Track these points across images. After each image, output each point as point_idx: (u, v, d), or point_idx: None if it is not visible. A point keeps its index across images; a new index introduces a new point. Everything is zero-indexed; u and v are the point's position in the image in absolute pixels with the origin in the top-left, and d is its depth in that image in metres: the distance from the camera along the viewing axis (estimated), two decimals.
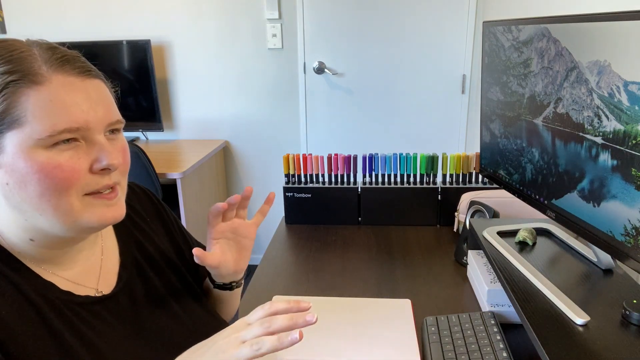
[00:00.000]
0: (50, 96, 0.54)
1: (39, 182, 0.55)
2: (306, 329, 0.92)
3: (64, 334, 0.59)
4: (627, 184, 0.67)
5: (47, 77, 0.55)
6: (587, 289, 0.80)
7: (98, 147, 0.58)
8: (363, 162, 1.39)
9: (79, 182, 0.57)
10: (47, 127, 0.54)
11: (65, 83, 0.56)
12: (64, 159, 0.56)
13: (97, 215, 0.59)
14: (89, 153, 0.58)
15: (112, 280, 0.69)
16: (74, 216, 0.58)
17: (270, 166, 2.72)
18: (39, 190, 0.55)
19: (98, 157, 0.58)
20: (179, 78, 2.61)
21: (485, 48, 1.06)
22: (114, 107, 0.62)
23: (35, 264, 0.62)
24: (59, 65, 0.56)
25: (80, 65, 0.59)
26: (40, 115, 0.54)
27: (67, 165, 0.56)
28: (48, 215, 0.57)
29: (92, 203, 0.59)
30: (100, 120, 0.58)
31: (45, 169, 0.55)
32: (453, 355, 0.79)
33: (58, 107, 0.55)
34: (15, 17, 2.59)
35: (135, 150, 1.97)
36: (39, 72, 0.55)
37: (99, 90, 0.60)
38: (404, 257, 1.22)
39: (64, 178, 0.56)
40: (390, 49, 2.47)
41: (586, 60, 0.73)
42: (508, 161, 1.02)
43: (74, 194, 0.57)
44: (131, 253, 0.74)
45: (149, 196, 0.84)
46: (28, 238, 0.60)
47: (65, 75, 0.56)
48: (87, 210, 0.59)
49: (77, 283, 0.65)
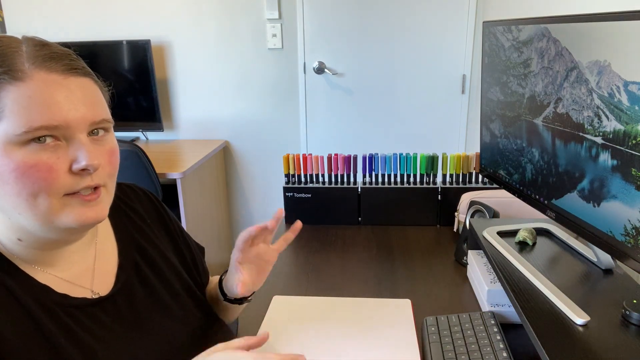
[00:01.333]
0: (29, 92, 0.53)
1: (15, 181, 0.54)
2: (306, 329, 0.92)
3: (57, 337, 0.58)
4: (627, 184, 0.67)
5: (28, 73, 0.54)
6: (587, 289, 0.80)
7: (77, 146, 0.56)
8: (363, 162, 1.39)
9: (56, 182, 0.55)
10: (24, 123, 0.53)
11: (47, 80, 0.55)
12: (41, 158, 0.54)
13: (74, 215, 0.58)
14: (68, 153, 0.56)
15: (110, 282, 0.69)
16: (51, 216, 0.57)
17: (270, 166, 2.72)
18: (16, 190, 0.54)
19: (77, 156, 0.56)
20: (179, 78, 2.61)
21: (485, 48, 1.06)
22: (101, 106, 0.60)
23: (29, 266, 0.61)
24: (42, 62, 0.55)
25: (67, 63, 0.57)
26: (17, 111, 0.53)
27: (44, 165, 0.54)
28: (27, 215, 0.56)
29: (69, 203, 0.57)
30: (82, 119, 0.56)
31: (22, 167, 0.53)
32: (453, 355, 0.79)
33: (36, 104, 0.53)
34: (15, 17, 2.59)
35: (135, 150, 1.97)
36: (20, 68, 0.54)
37: (83, 88, 0.58)
38: (404, 257, 1.22)
39: (41, 178, 0.54)
40: (390, 49, 2.47)
41: (586, 60, 0.73)
42: (508, 161, 1.02)
43: (52, 194, 0.56)
44: (131, 254, 0.73)
45: (151, 198, 0.83)
46: (16, 238, 0.59)
47: (47, 73, 0.55)
48: (64, 210, 0.57)
49: (73, 283, 0.64)
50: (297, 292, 1.07)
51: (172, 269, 0.78)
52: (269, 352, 0.62)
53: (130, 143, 2.02)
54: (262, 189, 2.77)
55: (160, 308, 0.72)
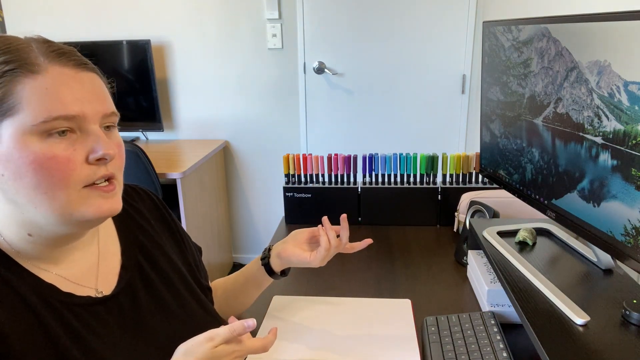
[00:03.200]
0: (47, 84, 0.55)
1: (34, 173, 0.54)
2: (306, 329, 0.92)
3: (60, 336, 0.58)
4: (627, 184, 0.67)
5: (43, 67, 0.55)
6: (587, 289, 0.80)
7: (94, 137, 0.58)
8: (363, 162, 1.39)
9: (74, 173, 0.56)
10: (42, 113, 0.54)
11: (62, 73, 0.57)
12: (59, 149, 0.55)
13: (93, 207, 0.59)
14: (84, 144, 0.57)
15: (113, 281, 0.69)
16: (70, 208, 0.57)
17: (270, 166, 2.72)
18: (34, 182, 0.55)
19: (94, 147, 0.58)
20: (179, 78, 2.61)
21: (485, 48, 1.06)
22: (110, 100, 0.62)
23: (34, 264, 0.61)
24: (56, 57, 0.57)
25: (76, 58, 0.59)
26: (35, 102, 0.54)
27: (62, 156, 0.55)
28: (43, 208, 0.57)
29: (88, 195, 0.58)
30: (96, 111, 0.58)
31: (40, 159, 0.54)
32: (453, 355, 0.79)
33: (54, 96, 0.55)
34: (15, 17, 2.59)
35: (135, 150, 1.97)
36: (35, 62, 0.55)
37: (94, 82, 0.60)
38: (404, 257, 1.22)
39: (59, 169, 0.55)
40: (390, 49, 2.47)
41: (586, 60, 0.73)
42: (508, 161, 1.02)
43: (71, 186, 0.56)
44: (134, 255, 0.73)
45: (153, 199, 0.83)
46: (26, 233, 0.59)
47: (61, 67, 0.57)
48: (84, 202, 0.58)
49: (77, 283, 0.64)
50: (297, 292, 1.07)
51: (174, 269, 0.78)
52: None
53: (130, 143, 2.02)
54: (262, 189, 2.77)
55: (162, 308, 0.72)
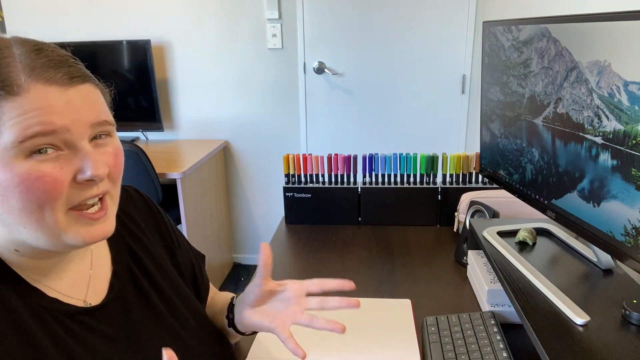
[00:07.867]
0: (25, 106, 0.50)
1: (20, 195, 0.51)
2: (306, 329, 0.91)
3: (43, 344, 0.55)
4: (627, 184, 0.67)
5: (25, 87, 0.50)
6: (587, 289, 0.80)
7: (82, 155, 0.54)
8: (363, 162, 1.39)
9: (62, 194, 0.53)
10: (19, 133, 0.50)
11: (46, 93, 0.51)
12: (45, 169, 0.51)
13: (82, 234, 0.56)
14: (72, 162, 0.53)
15: (103, 290, 0.66)
16: (57, 232, 0.54)
17: (270, 166, 2.72)
18: (20, 204, 0.52)
19: (82, 167, 0.54)
20: (179, 78, 2.61)
21: (485, 48, 1.06)
22: (104, 108, 0.58)
23: (21, 272, 0.58)
24: (40, 73, 0.52)
25: (66, 72, 0.54)
26: (12, 124, 0.50)
27: (49, 176, 0.51)
28: (31, 229, 0.54)
29: (77, 220, 0.55)
30: (83, 123, 0.54)
31: (27, 180, 0.51)
32: (453, 355, 0.79)
33: (30, 114, 0.50)
34: (15, 17, 2.59)
35: (135, 150, 1.97)
36: (16, 82, 0.50)
37: (84, 96, 0.55)
38: (404, 257, 1.22)
39: (46, 190, 0.52)
40: (390, 49, 2.47)
41: (586, 60, 0.73)
42: (508, 161, 1.02)
43: (58, 208, 0.53)
44: (125, 262, 0.70)
45: (147, 202, 0.80)
46: (13, 249, 0.57)
47: (46, 85, 0.52)
48: (72, 227, 0.55)
49: (64, 294, 0.61)
50: None
51: (166, 276, 0.75)
52: None
53: (130, 143, 2.02)
54: (262, 189, 2.77)
55: (154, 317, 0.70)
